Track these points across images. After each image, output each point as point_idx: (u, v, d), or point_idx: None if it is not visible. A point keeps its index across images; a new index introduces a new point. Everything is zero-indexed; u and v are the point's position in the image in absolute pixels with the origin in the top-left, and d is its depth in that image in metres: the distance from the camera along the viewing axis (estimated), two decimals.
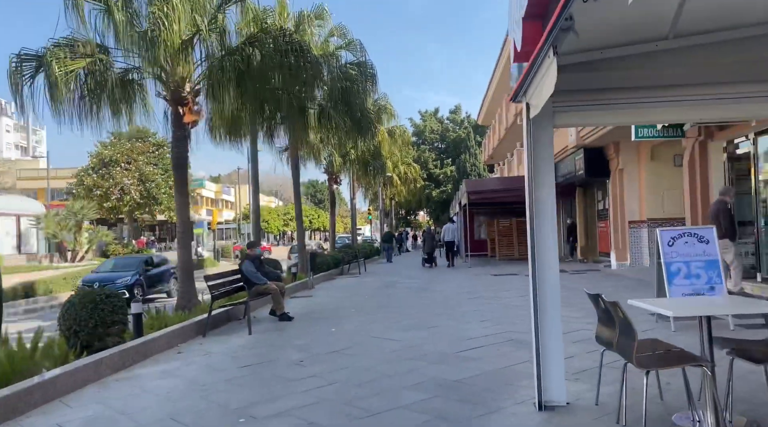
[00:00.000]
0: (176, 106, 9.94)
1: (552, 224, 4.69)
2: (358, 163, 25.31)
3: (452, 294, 12.24)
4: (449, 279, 16.45)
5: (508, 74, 29.98)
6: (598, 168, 17.12)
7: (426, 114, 61.01)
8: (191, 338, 8.28)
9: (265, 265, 10.25)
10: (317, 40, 17.74)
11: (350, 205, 29.58)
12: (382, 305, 11.06)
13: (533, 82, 4.04)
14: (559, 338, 4.79)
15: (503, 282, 14.42)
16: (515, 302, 10.45)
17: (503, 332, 7.55)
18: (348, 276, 19.38)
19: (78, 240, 27.55)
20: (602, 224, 19.25)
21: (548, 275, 4.76)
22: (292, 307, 11.20)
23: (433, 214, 59.31)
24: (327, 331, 8.36)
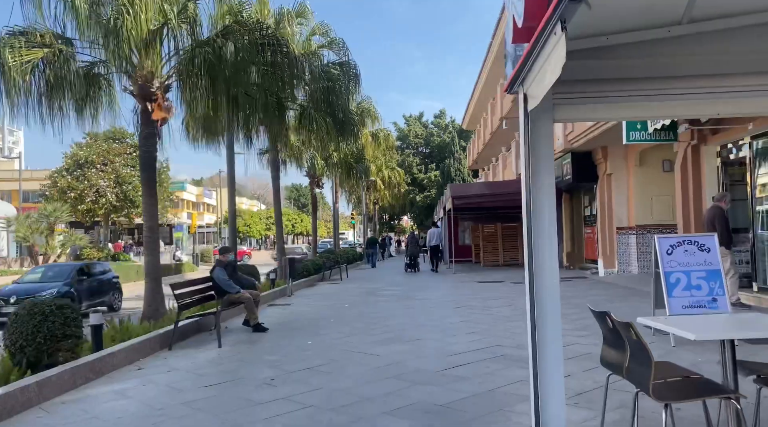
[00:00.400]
0: (144, 102, 9.30)
1: (552, 229, 4.16)
2: (341, 166, 24.75)
3: (437, 303, 11.72)
4: (433, 286, 15.93)
5: (493, 78, 29.71)
6: (586, 173, 16.75)
7: (410, 118, 60.67)
8: (155, 352, 7.64)
9: (238, 271, 9.63)
10: (299, 39, 17.18)
11: (333, 210, 28.94)
12: (363, 314, 10.50)
13: (534, 67, 3.53)
14: (559, 358, 4.23)
15: (490, 290, 13.94)
16: (503, 312, 9.95)
17: (492, 346, 7.03)
18: (329, 282, 18.78)
19: (50, 244, 26.57)
20: (589, 230, 18.90)
21: (547, 286, 4.19)
22: (268, 316, 10.59)
23: (417, 219, 58.89)
24: (303, 344, 7.77)
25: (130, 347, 7.17)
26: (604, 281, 14.87)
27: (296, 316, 10.67)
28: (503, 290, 13.86)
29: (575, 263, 19.79)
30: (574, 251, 19.96)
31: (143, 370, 6.68)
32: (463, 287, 15.00)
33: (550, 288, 4.11)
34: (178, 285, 8.46)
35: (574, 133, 15.48)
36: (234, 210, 13.18)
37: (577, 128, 15.15)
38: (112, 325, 8.22)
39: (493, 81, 29.75)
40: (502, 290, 13.90)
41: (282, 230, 17.22)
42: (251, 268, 13.59)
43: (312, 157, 22.25)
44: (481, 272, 20.86)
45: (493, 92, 31.02)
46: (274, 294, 13.96)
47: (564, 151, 16.87)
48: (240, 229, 63.68)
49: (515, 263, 24.14)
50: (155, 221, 9.53)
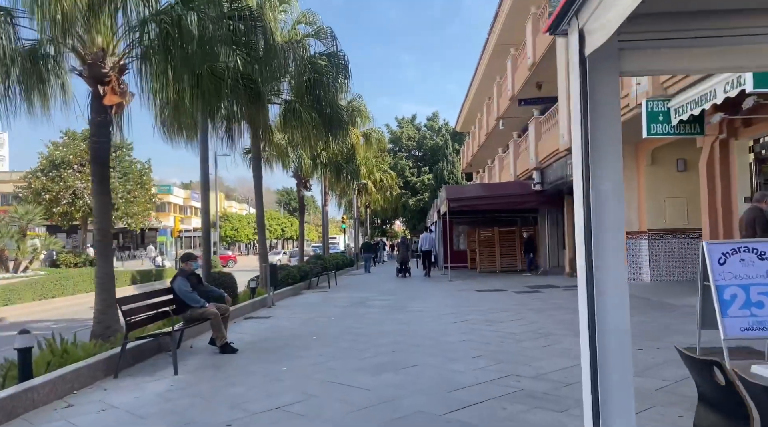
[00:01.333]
0: (95, 85, 7.99)
1: (620, 223, 2.84)
2: (330, 166, 23.45)
3: (433, 316, 10.43)
4: (428, 295, 14.65)
5: (489, 77, 28.58)
6: None
7: (403, 121, 59.53)
8: (97, 380, 6.31)
9: (206, 282, 8.30)
10: (283, 27, 15.94)
11: (322, 213, 27.63)
12: (350, 330, 9.19)
13: None
14: (630, 409, 2.91)
15: (491, 300, 12.67)
16: (511, 328, 8.67)
17: (506, 375, 5.75)
18: (316, 291, 17.45)
19: (21, 249, 25.04)
20: None
21: (613, 301, 2.87)
22: (242, 332, 9.27)
23: (410, 223, 57.66)
24: (276, 371, 6.46)
25: (62, 376, 5.83)
26: None
27: (274, 332, 9.35)
28: (505, 300, 12.60)
29: None
30: None
31: (72, 408, 5.35)
32: (460, 297, 13.73)
33: (617, 305, 2.84)
34: (129, 299, 7.14)
35: None
36: (207, 211, 11.89)
37: None
38: (50, 347, 6.88)
39: (488, 80, 28.62)
40: (504, 300, 12.64)
41: (264, 234, 15.89)
42: (227, 276, 12.27)
43: (299, 157, 20.94)
44: (479, 278, 19.62)
45: (488, 92, 29.90)
46: (253, 305, 12.64)
47: (568, 150, 15.66)
48: (228, 233, 62.17)
49: (513, 270, 22.94)
50: (108, 222, 8.19)
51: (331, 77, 15.38)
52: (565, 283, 15.95)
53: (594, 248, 2.70)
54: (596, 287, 2.73)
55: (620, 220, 2.73)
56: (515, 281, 17.72)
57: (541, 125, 18.99)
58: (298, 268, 18.10)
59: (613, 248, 2.69)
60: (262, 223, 16.12)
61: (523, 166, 21.95)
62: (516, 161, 23.04)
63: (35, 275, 24.88)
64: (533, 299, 12.42)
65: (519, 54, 22.14)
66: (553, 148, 17.01)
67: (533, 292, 14.08)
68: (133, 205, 32.42)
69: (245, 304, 12.30)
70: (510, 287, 15.57)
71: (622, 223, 2.75)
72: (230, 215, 64.32)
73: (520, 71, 21.60)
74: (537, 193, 19.49)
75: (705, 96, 8.30)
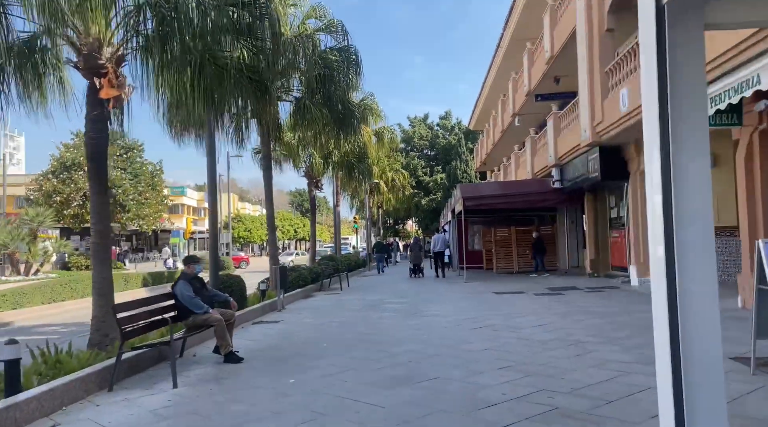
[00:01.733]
0: (91, 78, 7.52)
1: (708, 213, 2.24)
2: (341, 166, 22.93)
3: (451, 321, 9.84)
4: (445, 298, 14.07)
5: (503, 74, 27.92)
6: (616, 170, 14.85)
7: (415, 120, 58.93)
8: (90, 394, 5.83)
9: (208, 286, 7.80)
10: (292, 22, 15.44)
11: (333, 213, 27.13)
12: (363, 337, 8.64)
13: None
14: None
15: (511, 303, 12.06)
16: (537, 334, 8.06)
17: (538, 390, 5.17)
18: (328, 293, 16.94)
19: (32, 251, 24.82)
20: (616, 234, 17.02)
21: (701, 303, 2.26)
22: (249, 338, 8.76)
23: (422, 223, 57.04)
24: (283, 384, 5.93)
25: (51, 391, 5.34)
26: (640, 292, 12.97)
27: (283, 338, 8.83)
28: (526, 303, 11.98)
29: (600, 271, 17.89)
30: (599, 257, 18.05)
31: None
32: (478, 299, 13.13)
33: (707, 310, 2.24)
34: (127, 305, 6.65)
35: (604, 123, 13.63)
36: (215, 212, 11.41)
37: (608, 118, 13.30)
38: (44, 356, 6.41)
39: (503, 76, 27.96)
40: (525, 303, 12.02)
41: (275, 235, 15.41)
42: (235, 279, 11.77)
43: (310, 156, 20.45)
44: (495, 280, 18.98)
45: (503, 89, 29.23)
46: (263, 308, 12.14)
47: (590, 145, 15.00)
48: (241, 234, 62.01)
49: (530, 270, 22.25)
50: (106, 224, 7.73)
51: (342, 73, 14.88)
52: (588, 284, 15.27)
53: (676, 246, 2.11)
54: (681, 298, 2.13)
55: (708, 209, 2.14)
56: (534, 282, 17.07)
57: (560, 120, 18.32)
58: (310, 269, 17.60)
59: (700, 244, 2.11)
60: (273, 223, 15.64)
61: (540, 163, 21.28)
62: (533, 158, 22.36)
63: (46, 277, 24.66)
64: (556, 302, 11.79)
65: (536, 48, 21.48)
66: (574, 144, 16.34)
67: (555, 294, 13.44)
68: (145, 206, 32.18)
69: (254, 307, 11.82)
70: (529, 289, 14.94)
71: (710, 213, 2.16)
72: (243, 216, 64.18)
73: (537, 66, 20.94)
74: (556, 191, 18.82)
75: (746, 82, 7.64)
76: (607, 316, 9.49)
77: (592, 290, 13.98)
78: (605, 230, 17.89)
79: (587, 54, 14.38)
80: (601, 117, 13.73)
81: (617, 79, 12.78)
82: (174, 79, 7.73)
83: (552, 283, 16.47)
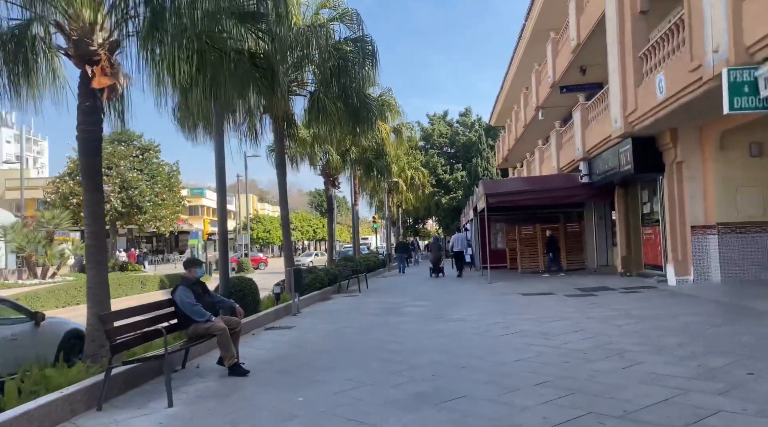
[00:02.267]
0: (83, 65, 6.93)
1: None
2: (359, 163, 22.23)
3: (478, 327, 9.07)
4: (468, 300, 13.28)
5: (526, 66, 26.97)
6: (650, 162, 13.91)
7: (434, 117, 58.03)
8: (75, 415, 5.21)
9: (211, 292, 7.14)
10: (305, 11, 14.79)
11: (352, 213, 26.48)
12: (382, 345, 7.93)
13: None
14: None
15: (540, 306, 11.25)
16: (574, 342, 7.26)
17: (584, 413, 4.39)
18: (346, 295, 16.27)
19: (49, 254, 24.63)
20: (649, 230, 16.05)
21: None
22: (258, 346, 8.12)
23: (443, 222, 56.10)
24: (290, 402, 5.25)
25: (26, 414, 4.72)
26: (681, 292, 12.04)
27: (294, 346, 8.16)
28: (557, 305, 11.15)
29: (632, 269, 16.93)
30: (630, 255, 17.09)
31: None
32: (505, 302, 12.33)
33: None
34: (118, 314, 6.03)
35: (638, 112, 12.72)
36: (224, 211, 10.80)
37: (642, 106, 12.40)
38: (32, 370, 5.83)
39: (525, 69, 27.01)
40: (556, 305, 11.19)
41: (289, 236, 14.79)
42: (247, 282, 11.15)
43: (326, 153, 19.79)
44: (521, 280, 18.12)
45: (526, 82, 28.28)
46: (276, 313, 11.51)
47: (622, 136, 14.09)
48: (260, 235, 61.77)
49: (557, 270, 21.33)
50: (100, 224, 7.13)
51: (358, 64, 14.18)
52: (620, 284, 14.35)
53: None
54: None
55: None
56: (563, 282, 16.18)
57: (587, 112, 17.39)
58: (327, 271, 16.94)
59: None
60: (287, 224, 15.02)
61: (567, 157, 20.35)
62: (559, 153, 21.43)
63: (63, 280, 24.46)
64: (589, 305, 10.94)
65: (560, 37, 20.55)
66: (604, 136, 15.43)
67: (586, 295, 12.57)
68: (161, 208, 31.85)
69: (268, 312, 11.19)
70: (558, 290, 14.08)
71: None
72: (262, 217, 63.89)
73: (562, 56, 20.02)
74: (584, 186, 17.89)
75: None
76: (650, 320, 8.64)
77: (627, 290, 13.07)
78: (637, 227, 16.92)
79: (618, 39, 13.47)
80: (634, 105, 12.82)
81: (652, 64, 11.87)
82: (173, 67, 7.11)
83: (582, 283, 15.57)
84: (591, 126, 16.98)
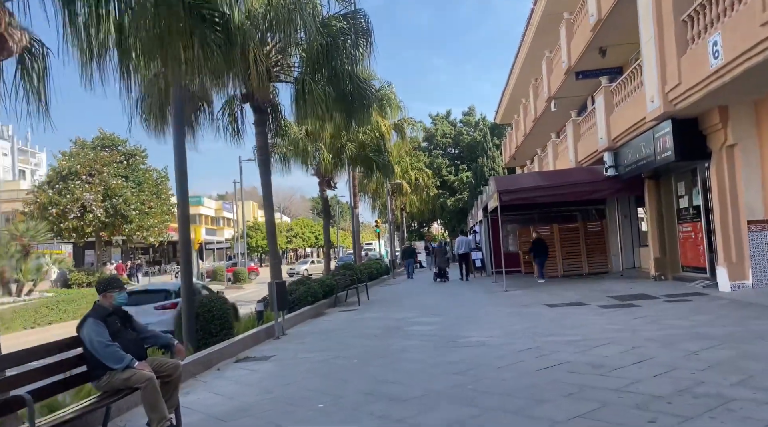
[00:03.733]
0: None
1: None
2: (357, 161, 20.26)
3: (504, 355, 7.04)
4: (486, 314, 11.26)
5: (534, 55, 24.99)
6: (694, 147, 11.90)
7: (437, 117, 56.10)
8: None
9: (139, 324, 5.14)
10: None
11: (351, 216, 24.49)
12: (379, 388, 5.93)
13: None
14: None
15: (576, 322, 9.23)
16: (645, 382, 5.20)
17: None
18: (343, 308, 14.28)
19: (24, 269, 22.72)
20: (687, 227, 14.03)
21: None
22: (218, 389, 6.12)
23: (449, 225, 54.05)
24: None
25: None
26: (742, 300, 9.99)
27: (264, 392, 6.14)
28: (597, 322, 9.11)
29: (667, 272, 14.88)
30: (665, 256, 15.04)
31: None
32: (530, 317, 10.30)
33: None
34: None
35: (681, 87, 10.72)
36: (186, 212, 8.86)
37: (688, 79, 10.39)
38: None
39: (535, 58, 24.99)
40: (594, 321, 9.16)
41: (275, 243, 12.82)
42: (216, 303, 9.18)
43: (318, 150, 17.81)
44: (540, 287, 16.10)
45: (535, 72, 26.29)
46: (255, 336, 9.53)
47: (659, 118, 12.07)
48: (259, 243, 59.77)
49: (577, 273, 19.31)
50: None
51: (350, 43, 12.25)
52: (660, 290, 12.32)
53: None
54: None
55: None
56: (590, 289, 14.16)
57: (612, 95, 15.37)
58: (322, 281, 14.94)
59: None
60: (273, 230, 13.06)
61: (586, 149, 18.32)
62: (576, 145, 19.40)
63: (40, 297, 22.56)
64: (636, 319, 8.91)
65: (576, 17, 18.58)
66: (636, 120, 13.40)
67: (626, 306, 10.54)
68: (149, 216, 29.87)
69: (243, 337, 9.21)
70: (589, 299, 12.05)
71: None
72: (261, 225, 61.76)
73: (579, 37, 18.03)
74: (609, 180, 15.85)
75: None
76: (729, 342, 6.61)
77: (672, 298, 11.03)
78: (672, 224, 14.88)
79: (654, 3, 11.47)
80: (676, 79, 10.81)
81: (701, 26, 9.87)
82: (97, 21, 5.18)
83: (612, 289, 13.54)
84: (617, 111, 14.96)
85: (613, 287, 14.07)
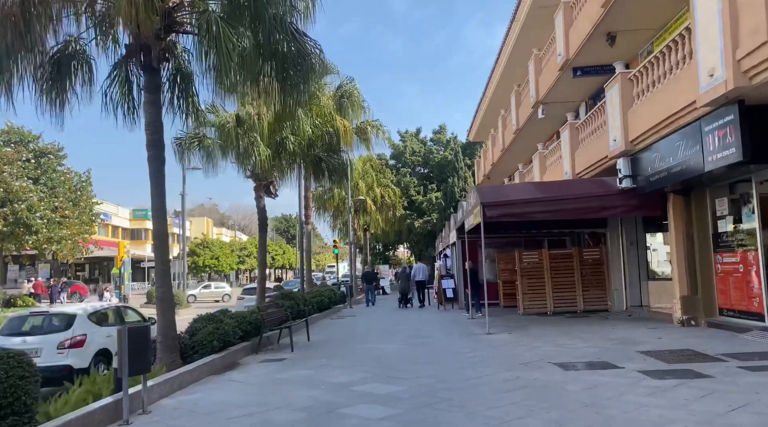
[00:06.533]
0: None
1: None
2: (302, 160, 16.31)
3: None
4: (472, 385, 7.37)
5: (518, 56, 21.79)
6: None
7: (406, 134, 52.73)
8: None
9: None
10: None
11: (298, 233, 20.44)
12: None
13: None
14: None
15: (621, 407, 5.44)
16: None
17: None
18: (268, 356, 10.21)
19: None
20: (731, 257, 10.59)
21: None
22: None
23: (416, 248, 50.30)
24: None
25: None
26: None
27: None
28: (659, 405, 5.33)
29: (699, 316, 11.38)
30: (696, 294, 11.53)
31: None
32: (544, 392, 6.48)
33: None
34: None
35: (761, 54, 7.26)
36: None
37: None
38: None
39: (519, 60, 21.73)
40: (656, 404, 5.38)
41: (164, 264, 8.75)
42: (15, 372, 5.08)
43: (253, 144, 13.77)
44: (533, 328, 12.38)
45: (518, 79, 23.05)
46: (88, 419, 5.45)
47: (719, 101, 8.57)
48: (207, 262, 54.80)
49: (571, 311, 15.72)
50: None
51: None
52: (709, 345, 8.71)
53: None
54: None
55: None
56: (598, 335, 10.52)
57: (632, 84, 11.92)
58: (242, 317, 10.84)
59: None
60: (165, 247, 8.99)
61: (588, 158, 14.85)
62: (574, 154, 15.94)
63: None
64: (723, 403, 5.19)
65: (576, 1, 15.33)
66: (675, 109, 9.89)
67: (684, 376, 6.84)
68: (61, 227, 25.00)
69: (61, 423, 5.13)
70: (614, 356, 8.33)
71: None
72: (211, 242, 56.70)
73: (582, 20, 14.72)
74: (624, 194, 12.34)
75: None
76: None
77: (745, 361, 7.38)
78: (707, 252, 11.41)
79: None
80: (756, 38, 7.34)
81: None
82: None
83: (636, 339, 9.88)
84: (642, 101, 11.48)
85: (633, 336, 10.41)
